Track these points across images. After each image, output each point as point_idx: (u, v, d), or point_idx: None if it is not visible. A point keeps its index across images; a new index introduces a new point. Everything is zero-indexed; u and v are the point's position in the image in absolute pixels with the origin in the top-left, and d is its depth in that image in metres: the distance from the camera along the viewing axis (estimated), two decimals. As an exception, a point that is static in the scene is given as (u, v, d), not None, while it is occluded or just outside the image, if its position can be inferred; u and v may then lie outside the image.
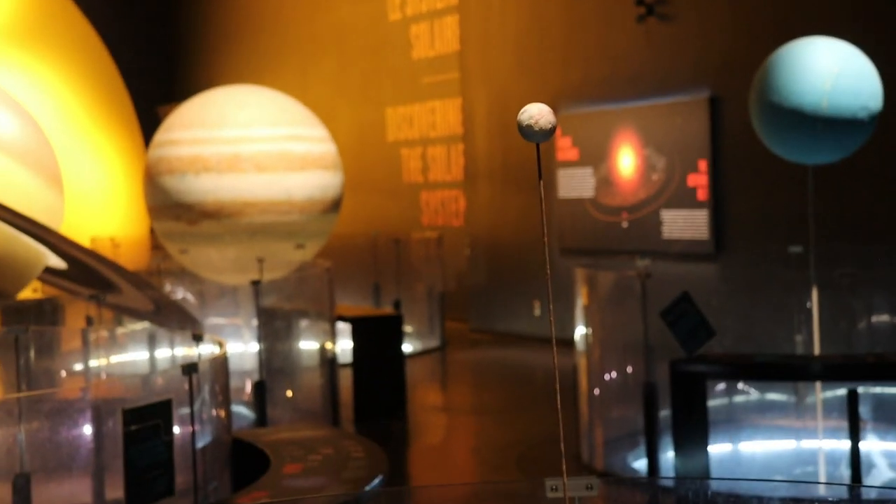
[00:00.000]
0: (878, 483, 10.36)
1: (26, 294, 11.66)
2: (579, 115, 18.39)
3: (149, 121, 23.13)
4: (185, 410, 6.58)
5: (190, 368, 6.69)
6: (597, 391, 11.55)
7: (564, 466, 3.53)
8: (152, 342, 12.49)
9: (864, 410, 10.85)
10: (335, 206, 14.86)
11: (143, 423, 6.01)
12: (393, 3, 23.10)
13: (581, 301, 11.63)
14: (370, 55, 23.74)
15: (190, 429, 6.67)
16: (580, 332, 11.63)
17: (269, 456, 7.62)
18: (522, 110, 3.21)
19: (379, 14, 23.51)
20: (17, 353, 11.03)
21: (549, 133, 3.39)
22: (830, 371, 10.64)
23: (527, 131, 3.35)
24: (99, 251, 14.54)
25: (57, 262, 11.19)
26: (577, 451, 11.45)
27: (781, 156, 10.79)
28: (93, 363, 11.21)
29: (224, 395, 8.18)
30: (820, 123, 10.44)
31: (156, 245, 17.33)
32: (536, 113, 3.33)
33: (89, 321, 11.85)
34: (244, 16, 28.52)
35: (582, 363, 11.65)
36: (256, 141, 14.53)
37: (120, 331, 12.35)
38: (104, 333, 11.50)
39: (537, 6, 19.32)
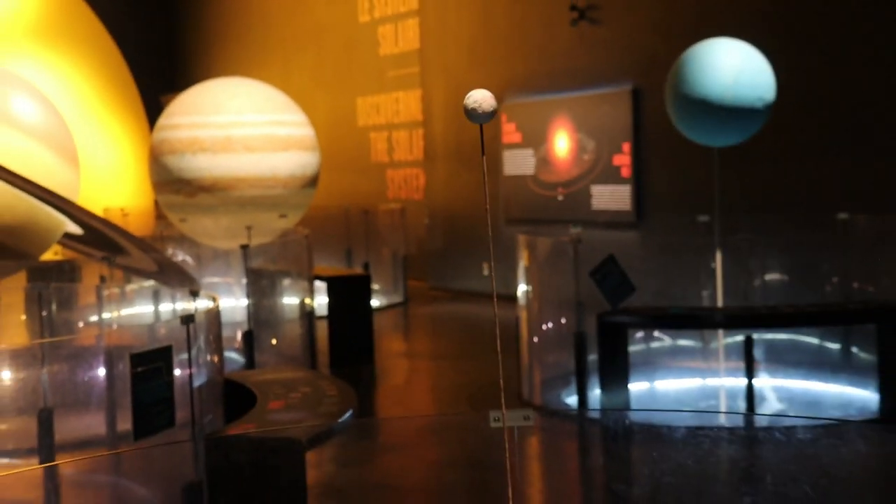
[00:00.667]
0: (768, 413, 10.57)
1: (48, 256, 11.77)
2: (522, 104, 18.53)
3: (153, 108, 23.20)
4: (184, 355, 6.64)
5: (188, 319, 6.86)
6: (535, 339, 11.68)
7: (503, 400, 3.83)
8: (156, 298, 12.71)
9: (757, 353, 11.06)
10: (313, 181, 15.08)
11: (147, 365, 6.15)
12: (363, 6, 23.14)
13: (523, 263, 11.75)
14: (343, 52, 23.76)
15: (188, 371, 6.69)
16: (522, 289, 11.74)
17: (256, 394, 7.64)
18: (468, 95, 3.41)
19: (350, 16, 23.52)
20: (41, 306, 11.26)
21: (490, 115, 3.54)
22: (730, 320, 10.85)
23: (471, 114, 3.56)
24: (110, 219, 14.64)
25: (74, 228, 11.32)
26: (518, 390, 11.58)
27: (692, 139, 10.97)
28: (105, 315, 11.43)
29: (217, 343, 8.32)
30: (724, 112, 10.67)
31: (159, 215, 17.40)
32: (480, 98, 3.54)
33: (102, 279, 11.97)
34: (234, 17, 28.45)
35: (523, 315, 11.74)
36: (245, 125, 14.72)
37: (129, 288, 12.48)
38: (115, 290, 11.68)
39: (486, 11, 19.40)
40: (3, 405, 10.00)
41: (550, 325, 11.73)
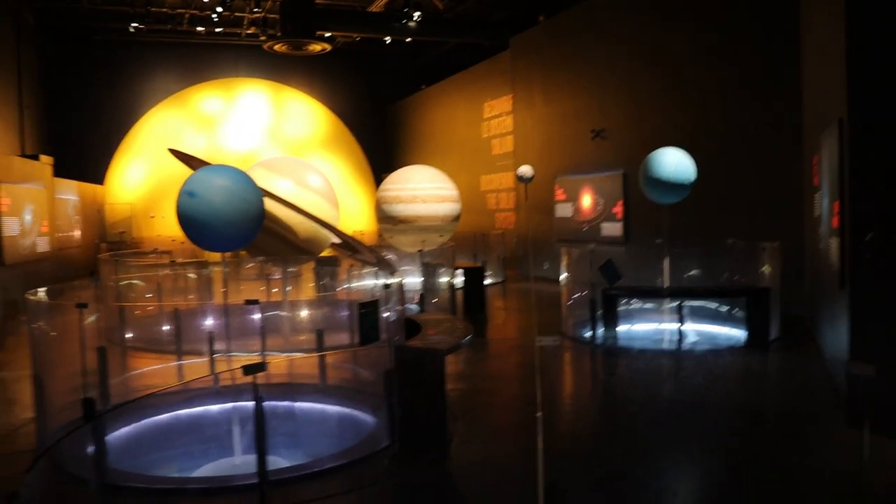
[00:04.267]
0: (689, 342, 10.39)
1: (323, 254, 12.08)
2: (566, 180, 18.26)
3: (377, 179, 23.69)
4: (385, 305, 6.96)
5: (388, 287, 7.14)
6: (569, 302, 11.56)
7: (536, 332, 4.06)
8: (375, 275, 13.08)
9: (685, 311, 11.01)
10: (457, 218, 15.38)
11: (367, 309, 6.43)
12: (484, 129, 23.40)
13: (564, 261, 11.81)
14: (473, 152, 23.92)
15: (386, 312, 7.00)
16: (563, 275, 11.74)
17: (421, 325, 7.56)
18: (518, 169, 3.60)
19: (477, 134, 23.72)
20: (318, 278, 11.60)
21: (529, 179, 3.68)
22: (671, 293, 10.73)
23: (520, 178, 3.72)
24: (353, 236, 15.05)
25: (335, 239, 11.76)
26: (560, 328, 11.54)
27: (653, 199, 10.90)
28: (349, 284, 11.84)
29: (402, 299, 8.54)
30: (669, 186, 10.72)
31: (379, 234, 17.75)
32: (524, 170, 3.71)
33: (328, 264, 12.24)
34: (418, 132, 28.70)
35: (564, 290, 11.71)
36: (424, 189, 15.07)
37: (358, 269, 12.80)
38: (354, 270, 12.08)
39: (547, 132, 19.48)
40: (303, 327, 10.36)
41: (577, 294, 11.47)
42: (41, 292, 6.76)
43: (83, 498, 5.37)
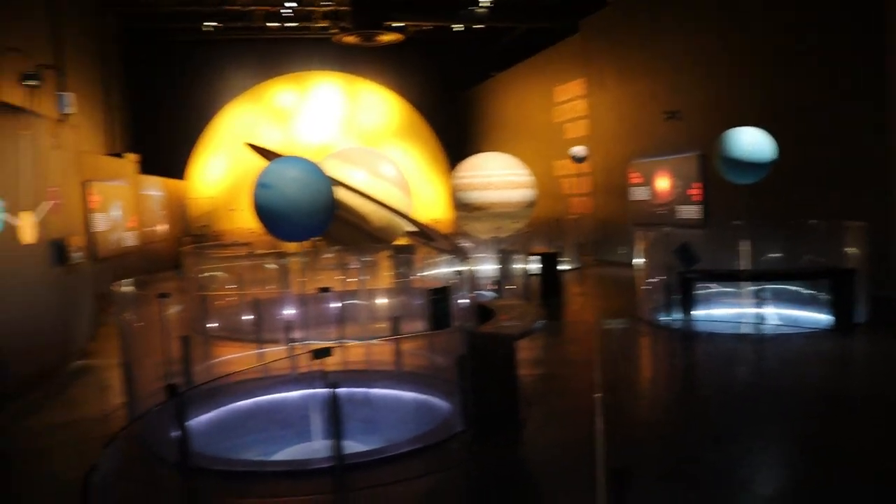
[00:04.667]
0: (770, 325, 10.15)
1: (398, 242, 12.26)
2: (641, 163, 18.10)
3: (452, 167, 23.78)
4: (457, 291, 6.98)
5: (459, 274, 7.21)
6: (645, 286, 11.44)
7: (606, 315, 3.98)
8: (449, 263, 13.11)
9: (765, 294, 10.88)
10: (532, 205, 15.37)
11: (438, 295, 6.50)
12: (558, 114, 23.26)
13: (640, 245, 11.68)
14: (547, 137, 23.89)
15: (458, 299, 7.09)
16: (638, 259, 11.69)
17: (494, 311, 7.59)
18: (572, 149, 3.58)
19: (549, 119, 23.61)
20: (397, 264, 11.61)
21: (583, 159, 3.67)
22: (750, 276, 10.61)
23: (574, 158, 3.68)
24: (428, 224, 15.16)
25: (410, 228, 11.87)
26: (635, 312, 11.36)
27: (729, 180, 10.79)
28: (424, 272, 11.89)
29: (474, 286, 8.43)
30: (746, 165, 10.56)
31: (455, 223, 17.81)
32: (579, 150, 3.68)
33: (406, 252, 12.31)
34: (493, 118, 28.72)
35: (638, 274, 11.61)
36: (497, 176, 15.11)
37: (433, 257, 12.78)
38: (429, 258, 12.12)
39: (620, 114, 19.29)
40: (380, 315, 10.51)
41: (652, 279, 11.32)
42: (128, 284, 7.05)
43: (166, 478, 5.59)
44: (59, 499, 5.43)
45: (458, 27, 26.45)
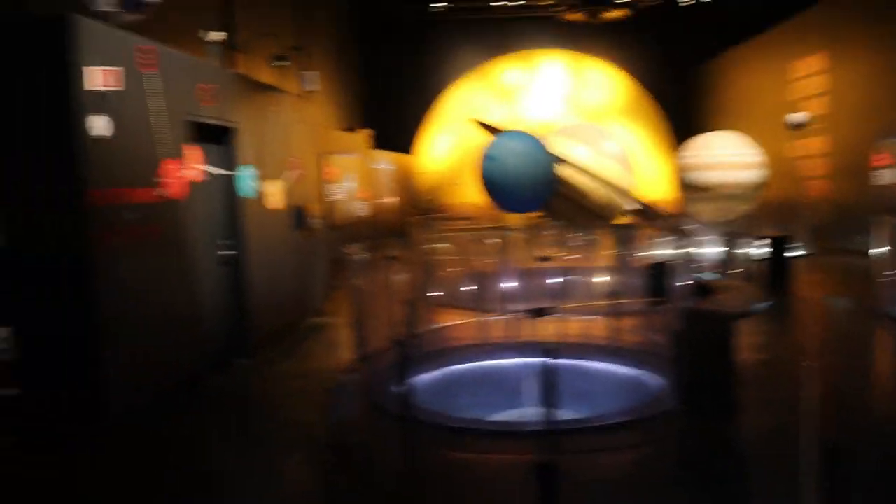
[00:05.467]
0: None
1: (617, 221, 12.27)
2: (893, 143, 16.95)
3: (678, 145, 23.17)
4: (677, 270, 6.93)
5: (680, 253, 7.16)
6: (885, 278, 10.41)
7: (832, 297, 3.77)
8: (670, 243, 12.93)
9: None
10: (762, 186, 14.80)
11: (656, 270, 6.45)
12: (793, 91, 22.02)
13: (881, 233, 11.02)
14: (780, 116, 22.72)
15: (678, 277, 6.94)
16: (878, 249, 11.03)
17: (715, 291, 7.60)
18: (788, 115, 3.43)
19: (785, 97, 22.46)
20: (618, 242, 11.68)
21: (802, 125, 3.51)
22: None
23: (793, 125, 3.54)
24: (651, 204, 14.95)
25: (632, 206, 11.85)
26: (872, 303, 10.21)
27: None
28: (645, 251, 11.74)
29: (694, 266, 8.32)
30: None
31: (679, 203, 17.46)
32: (797, 116, 3.56)
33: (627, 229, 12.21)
34: (721, 95, 27.72)
35: (878, 264, 10.81)
36: (725, 156, 14.71)
37: (654, 236, 12.54)
38: (649, 238, 11.98)
39: (869, 91, 18.03)
40: (598, 291, 10.58)
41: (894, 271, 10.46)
42: (359, 249, 7.62)
43: (388, 428, 6.05)
44: (293, 439, 6.03)
45: (686, 1, 25.66)
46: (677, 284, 7.09)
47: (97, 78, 6.15)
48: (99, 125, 6.17)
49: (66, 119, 6.00)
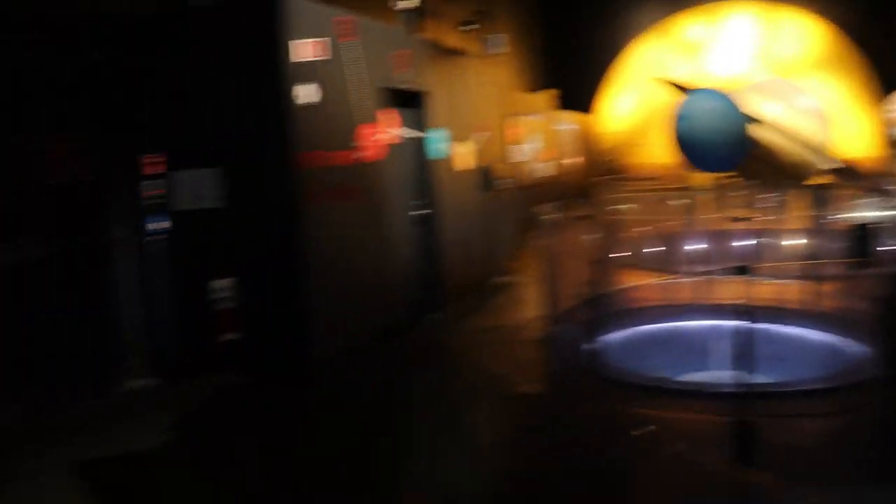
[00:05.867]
0: None
1: (816, 180, 11.63)
2: None
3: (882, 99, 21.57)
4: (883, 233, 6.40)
5: (885, 216, 6.74)
6: None
7: None
8: (872, 205, 12.13)
9: None
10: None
11: (860, 232, 6.07)
12: None
13: None
14: None
15: (884, 240, 6.44)
16: None
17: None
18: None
19: None
20: (814, 204, 11.03)
21: None
22: None
23: None
24: (851, 162, 14.07)
25: (829, 165, 11.27)
26: None
27: None
28: (844, 213, 11.06)
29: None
30: None
31: (885, 160, 16.38)
32: None
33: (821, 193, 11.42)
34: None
35: None
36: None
37: (854, 197, 11.63)
38: (849, 199, 11.24)
39: None
40: (793, 255, 10.13)
41: None
42: (550, 209, 7.74)
43: (579, 382, 6.18)
44: (485, 389, 6.30)
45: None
46: (882, 248, 6.74)
47: (305, 49, 6.57)
48: (306, 93, 6.60)
49: (277, 88, 6.46)
